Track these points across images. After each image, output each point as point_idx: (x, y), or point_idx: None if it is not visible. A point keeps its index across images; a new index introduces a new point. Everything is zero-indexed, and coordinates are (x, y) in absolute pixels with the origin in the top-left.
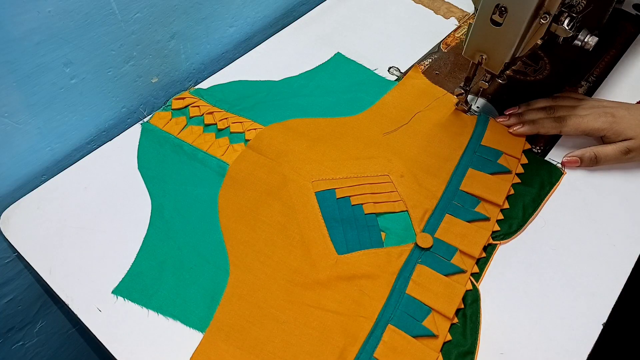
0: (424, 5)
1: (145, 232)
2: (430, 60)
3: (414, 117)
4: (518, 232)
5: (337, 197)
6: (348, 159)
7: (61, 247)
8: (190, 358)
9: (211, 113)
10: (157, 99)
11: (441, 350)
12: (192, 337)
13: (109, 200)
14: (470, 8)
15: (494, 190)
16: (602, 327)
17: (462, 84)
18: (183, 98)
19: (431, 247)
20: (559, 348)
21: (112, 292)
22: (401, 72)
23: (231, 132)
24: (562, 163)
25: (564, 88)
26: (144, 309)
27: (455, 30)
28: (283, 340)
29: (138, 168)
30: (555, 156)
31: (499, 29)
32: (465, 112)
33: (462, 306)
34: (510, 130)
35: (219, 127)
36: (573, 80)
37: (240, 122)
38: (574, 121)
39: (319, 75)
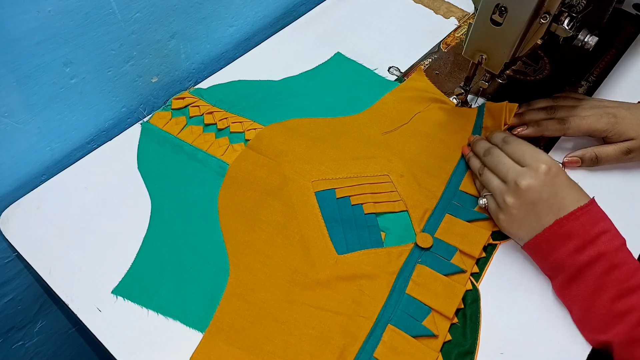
0: (424, 5)
1: (145, 232)
2: (430, 60)
3: (414, 117)
4: None
5: (337, 197)
6: (348, 158)
7: (61, 247)
8: (190, 358)
9: (211, 113)
10: (157, 98)
11: (441, 350)
12: (192, 337)
13: (109, 200)
14: (470, 8)
15: None
16: None
17: (462, 84)
18: (183, 98)
19: (431, 247)
20: (559, 348)
21: (112, 292)
22: (401, 72)
23: (231, 132)
24: (563, 163)
25: (564, 88)
26: (144, 309)
27: (455, 30)
28: (283, 340)
29: (138, 168)
30: (555, 156)
31: (499, 29)
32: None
33: (462, 306)
34: (514, 132)
35: (218, 127)
36: (573, 80)
37: (240, 122)
38: (576, 123)
39: (319, 75)
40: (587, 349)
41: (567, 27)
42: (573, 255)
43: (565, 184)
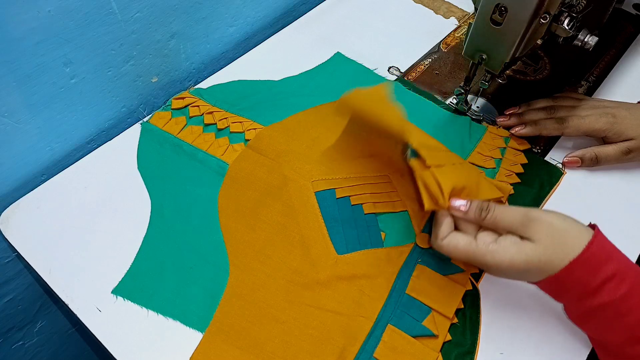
0: (424, 5)
1: (145, 232)
2: (430, 60)
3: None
4: None
5: (337, 197)
6: (348, 158)
7: (61, 247)
8: (190, 358)
9: (211, 113)
10: (157, 98)
11: (441, 350)
12: (192, 337)
13: (108, 200)
14: (470, 8)
15: None
16: None
17: (462, 84)
18: (183, 98)
19: (431, 247)
20: (559, 348)
21: (112, 292)
22: (401, 72)
23: (231, 132)
24: (562, 163)
25: (564, 88)
26: (144, 309)
27: (455, 30)
28: (283, 340)
29: (138, 168)
30: (555, 156)
31: (499, 29)
32: (464, 112)
33: (462, 306)
34: (512, 132)
35: (218, 127)
36: (573, 80)
37: (240, 122)
38: (575, 122)
39: (319, 75)
40: (587, 349)
41: (567, 27)
42: (576, 303)
43: (522, 268)
